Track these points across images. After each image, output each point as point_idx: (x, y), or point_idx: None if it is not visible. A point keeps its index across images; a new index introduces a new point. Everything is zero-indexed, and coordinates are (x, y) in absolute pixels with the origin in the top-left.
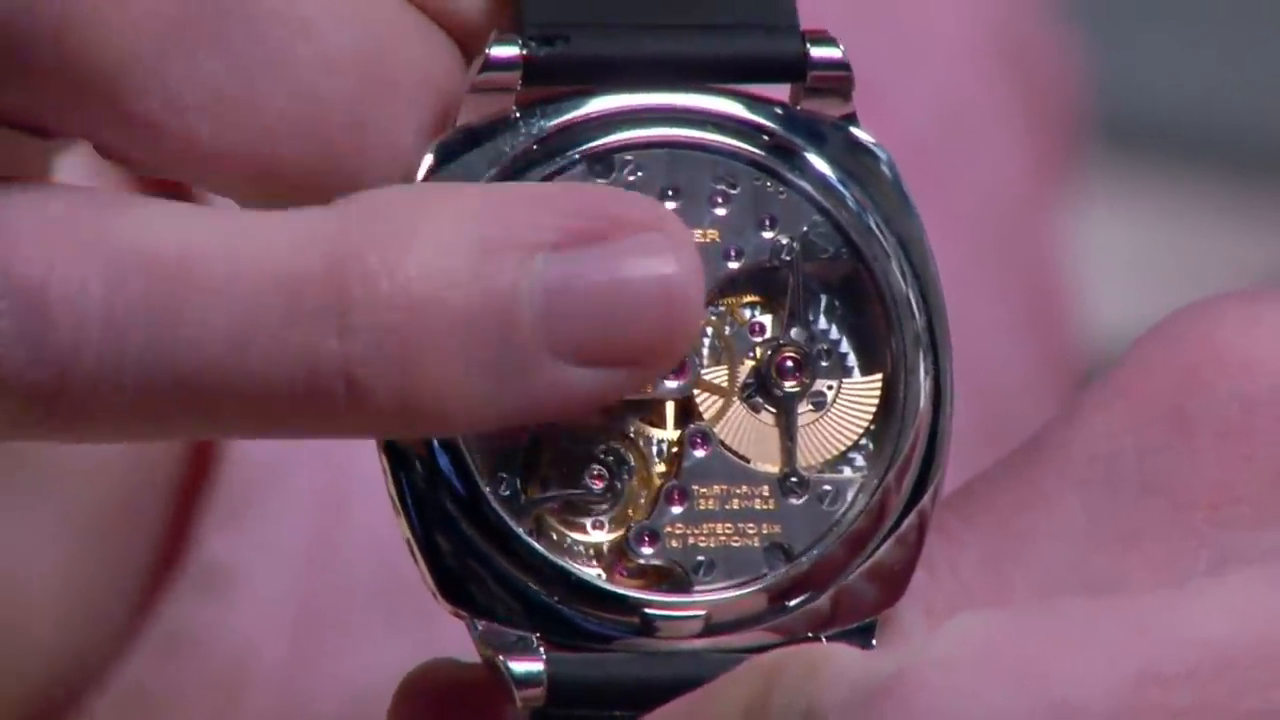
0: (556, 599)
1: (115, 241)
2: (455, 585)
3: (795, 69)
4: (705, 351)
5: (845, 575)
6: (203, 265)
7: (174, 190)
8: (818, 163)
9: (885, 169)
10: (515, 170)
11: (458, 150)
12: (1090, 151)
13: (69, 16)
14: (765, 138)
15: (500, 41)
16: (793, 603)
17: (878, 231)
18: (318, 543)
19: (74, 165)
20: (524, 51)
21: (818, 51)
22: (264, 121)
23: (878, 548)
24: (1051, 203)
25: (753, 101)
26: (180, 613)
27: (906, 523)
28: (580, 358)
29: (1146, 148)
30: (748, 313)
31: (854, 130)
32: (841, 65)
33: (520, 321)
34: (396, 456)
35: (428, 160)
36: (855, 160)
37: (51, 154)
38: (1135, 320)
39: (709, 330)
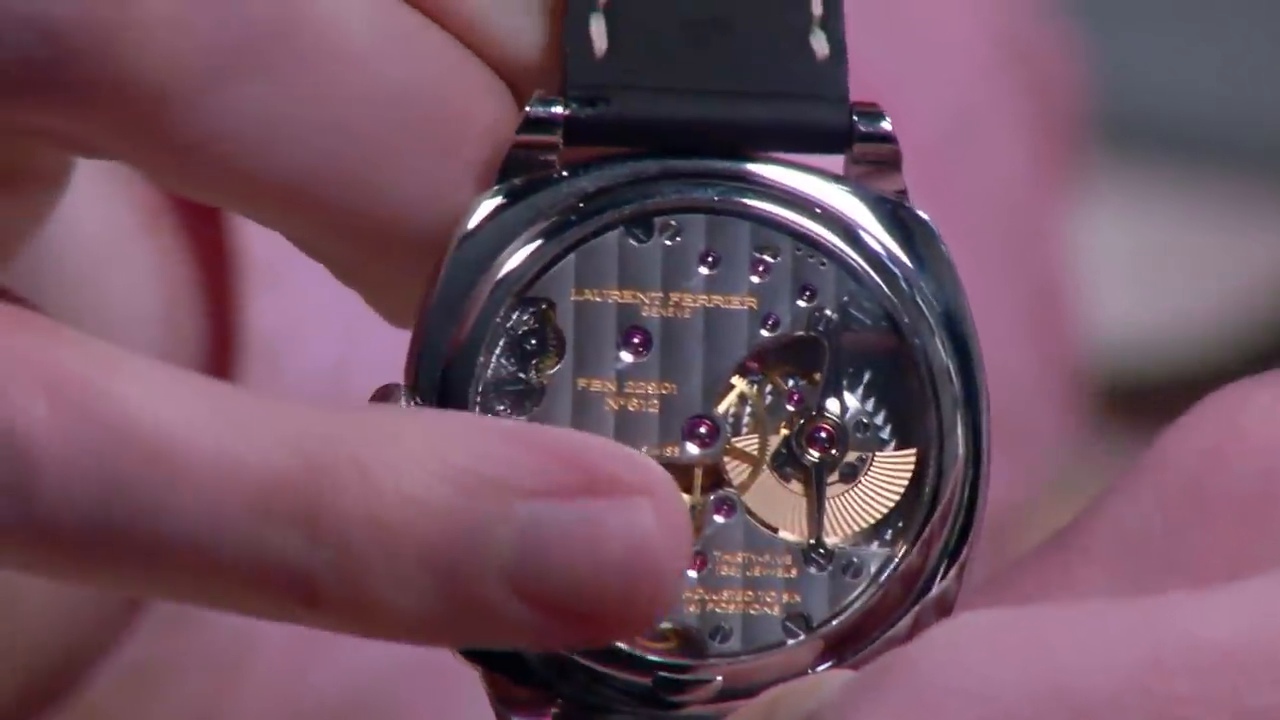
0: (572, 657)
1: (105, 406)
2: None
3: (840, 140)
4: (740, 420)
5: (866, 646)
6: (184, 447)
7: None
8: (863, 236)
9: (935, 242)
10: (555, 229)
11: (501, 207)
12: (1094, 152)
13: (122, 37)
14: (810, 207)
15: (542, 101)
16: (811, 671)
17: (921, 304)
18: None
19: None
20: (566, 111)
21: (864, 124)
22: (302, 153)
23: (898, 620)
24: (1056, 205)
25: (801, 170)
26: None
27: (930, 596)
28: (537, 606)
29: (1150, 148)
30: (783, 382)
31: (905, 205)
32: (888, 138)
33: (488, 563)
34: None
35: (477, 215)
36: (903, 234)
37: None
38: (1138, 321)
39: (742, 398)
